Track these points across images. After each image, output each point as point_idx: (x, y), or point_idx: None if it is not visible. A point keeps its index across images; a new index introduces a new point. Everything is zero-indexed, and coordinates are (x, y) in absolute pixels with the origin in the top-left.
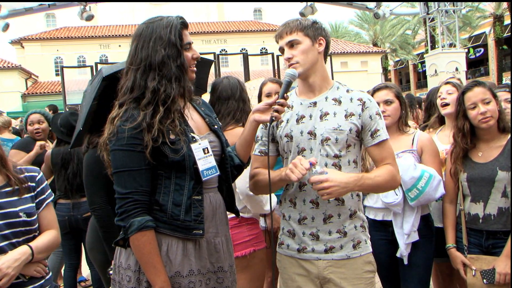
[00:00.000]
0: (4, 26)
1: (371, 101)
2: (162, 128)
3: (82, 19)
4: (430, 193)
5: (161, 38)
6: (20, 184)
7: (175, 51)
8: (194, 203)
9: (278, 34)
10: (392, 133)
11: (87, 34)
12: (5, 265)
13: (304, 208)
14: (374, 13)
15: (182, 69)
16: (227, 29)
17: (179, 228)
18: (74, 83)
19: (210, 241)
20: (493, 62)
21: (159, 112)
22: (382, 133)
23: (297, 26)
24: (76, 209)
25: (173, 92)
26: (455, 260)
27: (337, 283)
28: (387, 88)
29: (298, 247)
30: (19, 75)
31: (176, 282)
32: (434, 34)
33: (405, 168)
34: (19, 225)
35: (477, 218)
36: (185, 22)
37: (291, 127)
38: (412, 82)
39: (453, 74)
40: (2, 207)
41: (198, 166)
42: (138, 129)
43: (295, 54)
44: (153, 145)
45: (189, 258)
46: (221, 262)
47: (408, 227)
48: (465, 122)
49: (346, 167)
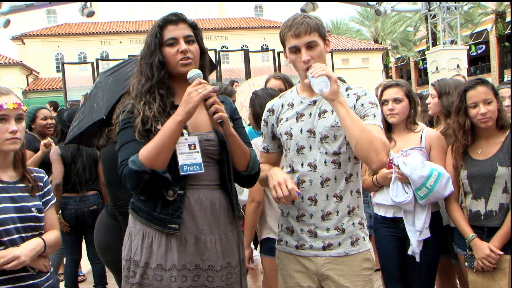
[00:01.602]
0: (5, 22)
1: (366, 94)
2: (150, 115)
3: (83, 15)
4: (439, 191)
5: (146, 39)
6: (34, 182)
7: (148, 51)
8: (175, 198)
9: (295, 32)
10: (400, 131)
11: (88, 30)
12: (22, 253)
13: (303, 205)
14: (375, 10)
15: (152, 67)
16: (228, 25)
17: (155, 220)
18: (75, 80)
19: (200, 238)
20: (494, 59)
21: (141, 102)
22: (370, 119)
23: (315, 26)
24: (82, 203)
25: (141, 88)
26: (481, 249)
27: (335, 280)
28: (397, 86)
29: (297, 244)
30: (20, 72)
31: (158, 275)
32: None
33: (413, 167)
34: (30, 220)
35: (478, 215)
36: (169, 19)
37: (290, 125)
38: (413, 79)
39: (457, 71)
40: (16, 201)
41: (178, 160)
42: (130, 113)
43: (314, 56)
44: (141, 130)
45: (172, 252)
46: (212, 260)
47: (420, 224)
48: (466, 119)
49: (346, 164)
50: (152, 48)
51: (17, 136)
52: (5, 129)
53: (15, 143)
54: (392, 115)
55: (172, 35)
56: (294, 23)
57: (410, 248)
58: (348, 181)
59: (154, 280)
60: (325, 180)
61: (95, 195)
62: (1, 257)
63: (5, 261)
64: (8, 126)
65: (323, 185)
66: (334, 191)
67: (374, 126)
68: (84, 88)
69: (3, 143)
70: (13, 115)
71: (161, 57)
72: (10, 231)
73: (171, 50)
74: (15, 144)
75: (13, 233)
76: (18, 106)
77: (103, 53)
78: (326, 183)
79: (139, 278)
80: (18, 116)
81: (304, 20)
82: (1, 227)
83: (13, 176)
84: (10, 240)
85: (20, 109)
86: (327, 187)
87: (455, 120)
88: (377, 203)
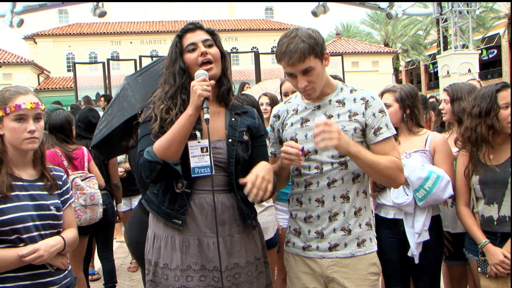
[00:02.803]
0: (19, 22)
1: (374, 99)
2: (167, 117)
3: (95, 15)
4: (437, 193)
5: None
6: (53, 181)
7: (171, 61)
8: (182, 195)
9: (289, 62)
10: (404, 134)
11: (99, 30)
12: (42, 248)
13: (310, 206)
14: (386, 13)
15: (175, 75)
16: (238, 27)
17: (162, 213)
18: (85, 79)
19: (202, 241)
20: (506, 63)
21: (162, 106)
22: (384, 131)
23: (309, 50)
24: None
25: (165, 94)
26: (494, 255)
27: (340, 282)
28: (388, 92)
29: (303, 245)
30: (31, 71)
31: (164, 274)
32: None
33: (412, 169)
34: (48, 218)
35: (491, 221)
36: (187, 28)
37: (295, 131)
38: (423, 83)
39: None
40: (35, 198)
41: (190, 162)
42: (150, 113)
43: (311, 80)
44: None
45: (176, 253)
46: (216, 262)
47: (419, 226)
48: (495, 121)
49: (353, 164)
50: (173, 58)
51: (35, 136)
52: (24, 128)
53: (33, 143)
54: None
55: (191, 41)
56: (287, 51)
57: (409, 250)
58: (355, 181)
59: (162, 279)
60: (332, 181)
61: (105, 195)
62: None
63: (26, 253)
64: (27, 126)
65: (330, 186)
66: (341, 191)
67: (388, 145)
68: (95, 88)
69: (21, 143)
70: (31, 114)
71: (182, 64)
72: (30, 229)
73: (192, 55)
74: (34, 143)
75: (32, 230)
76: (36, 106)
77: (114, 53)
78: (333, 184)
79: (152, 275)
80: (36, 115)
81: (297, 47)
82: (21, 224)
83: (33, 174)
84: (29, 238)
85: (38, 108)
86: (334, 188)
87: (478, 123)
88: (378, 203)
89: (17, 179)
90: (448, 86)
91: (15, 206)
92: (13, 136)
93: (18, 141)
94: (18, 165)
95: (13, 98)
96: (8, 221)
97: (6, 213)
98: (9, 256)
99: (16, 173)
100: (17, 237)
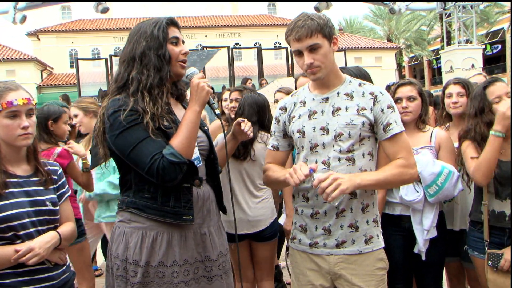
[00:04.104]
0: (22, 18)
1: (383, 94)
2: (157, 113)
3: (98, 11)
4: (449, 189)
5: (145, 32)
6: (47, 175)
7: (157, 42)
8: (184, 190)
9: (296, 36)
10: (410, 130)
11: (102, 26)
12: (37, 245)
13: (317, 202)
14: (389, 8)
15: (162, 60)
16: (241, 23)
17: (169, 214)
18: (88, 75)
19: (196, 232)
20: (510, 59)
21: (146, 98)
22: (394, 127)
23: (317, 27)
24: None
25: (151, 80)
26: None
27: (348, 279)
28: (411, 84)
29: (310, 242)
30: (34, 67)
31: (160, 272)
32: (450, 30)
33: (424, 164)
34: (44, 213)
35: (502, 216)
36: (173, 21)
37: (303, 123)
38: (427, 78)
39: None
40: (31, 194)
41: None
42: (134, 112)
43: (317, 59)
44: (154, 129)
45: (173, 248)
46: (209, 251)
47: (428, 223)
48: (491, 116)
49: (360, 160)
50: (162, 40)
51: (29, 131)
52: (17, 125)
53: (27, 139)
54: (406, 113)
55: (176, 35)
56: (295, 26)
57: (416, 247)
58: None
59: (156, 278)
60: None
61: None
62: (17, 251)
63: (21, 253)
64: (20, 122)
65: None
66: None
67: (399, 142)
68: (97, 84)
69: (16, 139)
70: (24, 110)
71: (167, 52)
72: (26, 225)
73: (175, 48)
74: (28, 139)
75: (29, 227)
76: (28, 101)
77: (117, 49)
78: None
79: (141, 277)
80: (28, 111)
81: (305, 23)
82: (17, 221)
83: (27, 170)
84: (26, 234)
85: (30, 103)
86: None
87: (476, 123)
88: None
89: (12, 176)
90: (459, 79)
91: (11, 203)
92: (7, 133)
93: (12, 138)
94: (12, 161)
95: (4, 94)
96: (4, 219)
97: (2, 210)
98: (5, 255)
99: (10, 170)
100: (13, 234)
